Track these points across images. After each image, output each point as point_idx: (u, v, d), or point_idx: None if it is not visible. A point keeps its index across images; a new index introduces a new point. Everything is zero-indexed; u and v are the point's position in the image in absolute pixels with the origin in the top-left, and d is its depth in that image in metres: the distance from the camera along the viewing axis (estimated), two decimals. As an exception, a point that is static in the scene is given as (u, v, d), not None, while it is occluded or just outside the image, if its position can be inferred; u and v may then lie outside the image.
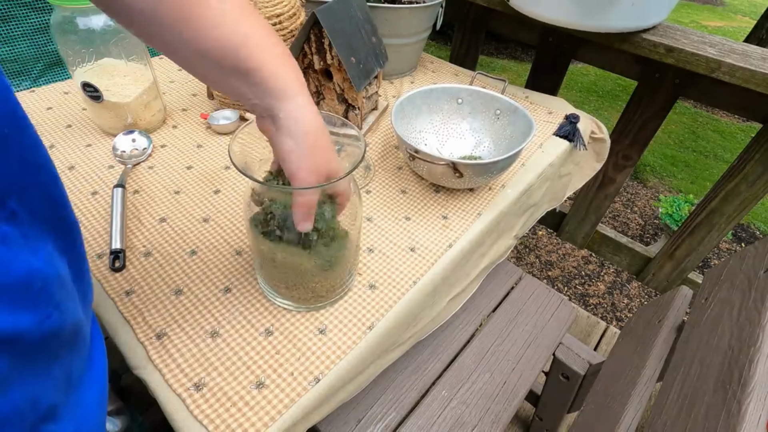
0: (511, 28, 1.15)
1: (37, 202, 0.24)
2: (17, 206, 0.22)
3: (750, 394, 0.36)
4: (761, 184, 0.93)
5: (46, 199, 0.24)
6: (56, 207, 0.26)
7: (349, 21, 0.70)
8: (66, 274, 0.27)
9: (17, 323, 0.21)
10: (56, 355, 0.25)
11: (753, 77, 0.81)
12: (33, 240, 0.23)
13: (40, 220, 0.24)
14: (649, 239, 1.98)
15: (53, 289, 0.24)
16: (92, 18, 0.63)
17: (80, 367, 0.30)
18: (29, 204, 0.23)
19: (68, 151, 0.71)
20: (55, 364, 0.25)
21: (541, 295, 0.91)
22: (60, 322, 0.24)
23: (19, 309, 0.21)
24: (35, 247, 0.23)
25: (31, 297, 0.22)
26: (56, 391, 0.26)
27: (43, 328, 0.23)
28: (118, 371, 0.90)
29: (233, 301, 0.52)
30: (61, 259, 0.27)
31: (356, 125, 0.79)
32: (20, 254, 0.21)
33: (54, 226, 0.25)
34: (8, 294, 0.20)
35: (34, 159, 0.23)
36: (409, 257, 0.59)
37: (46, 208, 0.25)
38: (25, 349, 0.21)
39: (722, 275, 0.54)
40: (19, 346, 0.21)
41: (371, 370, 0.54)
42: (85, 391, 0.30)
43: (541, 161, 0.76)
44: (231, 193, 0.66)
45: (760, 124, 0.90)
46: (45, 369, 0.24)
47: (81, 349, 0.29)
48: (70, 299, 0.26)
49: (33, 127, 0.23)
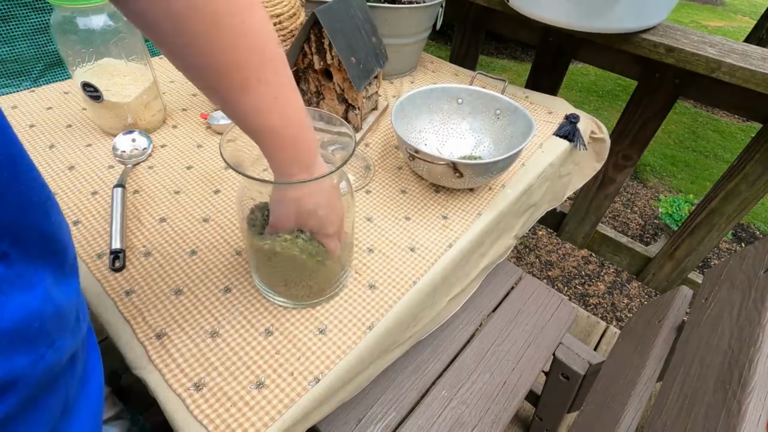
0: (511, 28, 1.15)
1: (32, 240, 0.23)
2: (9, 248, 0.21)
3: (750, 394, 0.36)
4: (761, 184, 0.93)
5: (41, 236, 0.24)
6: (52, 241, 0.25)
7: (349, 21, 0.70)
8: (63, 303, 0.26)
9: (13, 367, 0.20)
10: (51, 388, 0.25)
11: (753, 77, 0.81)
12: (28, 278, 0.22)
13: (35, 256, 0.23)
14: (649, 239, 1.98)
15: (50, 327, 0.23)
16: (92, 18, 0.63)
17: (74, 387, 0.29)
18: (23, 244, 0.22)
19: (68, 151, 0.71)
20: (50, 396, 0.24)
21: (541, 295, 0.91)
22: (55, 358, 0.24)
23: (15, 353, 0.20)
24: (31, 285, 0.22)
25: (29, 338, 0.21)
26: (51, 419, 0.25)
27: (39, 368, 0.22)
28: (118, 371, 0.90)
29: (233, 301, 0.52)
30: (59, 288, 0.26)
31: (356, 125, 0.79)
32: (15, 296, 0.21)
33: (50, 258, 0.25)
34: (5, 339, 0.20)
35: (30, 200, 0.22)
36: (409, 257, 0.59)
37: (42, 245, 0.24)
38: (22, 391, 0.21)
39: (722, 275, 0.54)
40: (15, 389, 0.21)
41: (371, 370, 0.54)
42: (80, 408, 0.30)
43: (541, 161, 0.76)
44: (231, 193, 0.66)
45: (760, 124, 0.90)
46: (42, 405, 0.24)
47: (75, 371, 0.29)
48: (66, 330, 0.26)
49: (33, 166, 0.23)
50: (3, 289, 0.20)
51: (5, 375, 0.20)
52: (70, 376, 0.27)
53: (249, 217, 0.45)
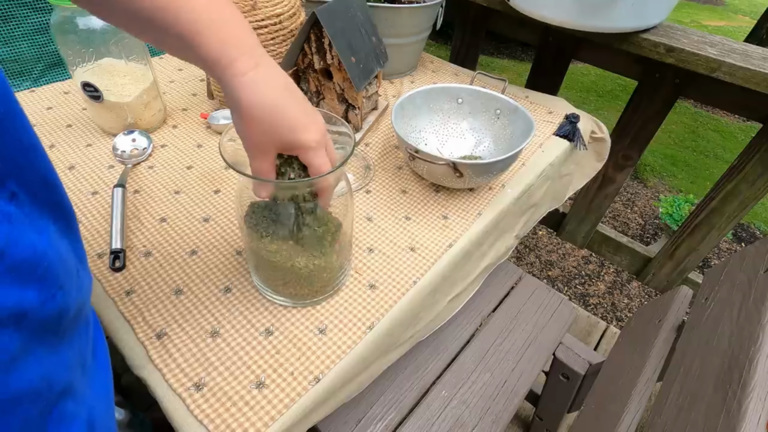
0: (511, 28, 1.15)
1: (35, 184, 0.24)
2: (17, 187, 0.22)
3: (750, 394, 0.36)
4: (761, 184, 0.93)
5: (42, 181, 0.24)
6: (53, 190, 0.26)
7: (349, 21, 0.70)
8: (68, 257, 0.27)
9: (24, 300, 0.21)
10: (63, 335, 0.25)
11: (753, 77, 0.81)
12: (36, 221, 0.23)
13: (40, 202, 0.24)
14: (649, 239, 1.98)
15: (58, 271, 0.24)
16: (92, 18, 0.63)
17: (87, 352, 0.30)
18: (28, 185, 0.23)
19: (68, 151, 0.71)
20: (62, 344, 0.25)
21: (541, 295, 0.91)
22: (64, 303, 0.24)
23: (26, 287, 0.21)
24: (39, 228, 0.23)
25: (37, 276, 0.22)
26: (68, 371, 0.26)
27: (49, 307, 0.23)
28: (118, 371, 0.90)
29: (233, 301, 0.52)
30: (62, 242, 0.27)
31: (356, 125, 0.79)
32: (26, 234, 0.22)
33: (52, 209, 0.26)
34: (16, 272, 0.20)
35: (28, 141, 0.23)
36: (410, 257, 0.59)
37: (44, 191, 0.25)
38: (33, 327, 0.22)
39: (722, 275, 0.54)
40: (27, 323, 0.21)
41: (371, 370, 0.54)
42: (94, 375, 0.31)
43: (542, 161, 0.76)
44: (231, 193, 0.66)
45: (760, 124, 0.90)
46: (54, 348, 0.24)
47: (86, 334, 0.30)
48: (72, 282, 0.26)
49: (23, 110, 0.23)
50: (16, 225, 0.21)
51: (16, 305, 0.21)
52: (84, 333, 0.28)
53: (248, 217, 0.45)
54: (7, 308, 0.20)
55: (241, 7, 0.69)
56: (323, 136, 0.38)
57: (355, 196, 0.67)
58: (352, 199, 0.49)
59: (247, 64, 0.34)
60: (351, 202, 0.49)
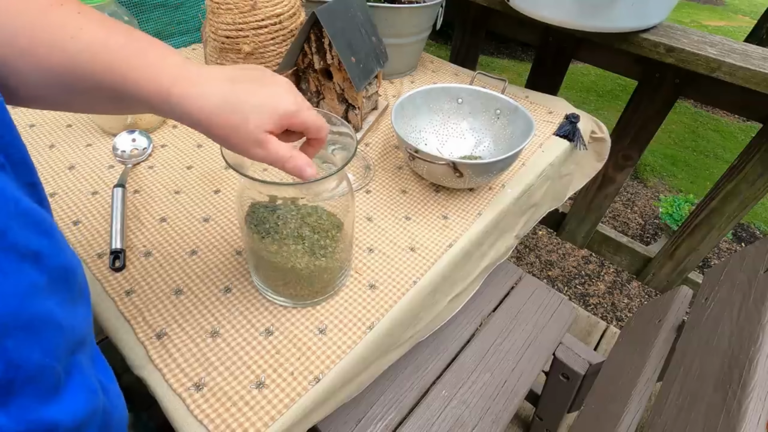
0: (511, 28, 1.15)
1: (17, 162, 0.24)
2: (5, 159, 0.22)
3: (750, 394, 0.36)
4: (761, 184, 0.93)
5: (22, 160, 0.25)
6: (30, 171, 0.26)
7: (349, 21, 0.70)
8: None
9: (39, 245, 0.22)
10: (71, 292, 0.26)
11: (753, 77, 0.81)
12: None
13: (20, 181, 0.24)
14: (649, 239, 1.98)
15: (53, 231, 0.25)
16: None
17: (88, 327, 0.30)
18: (12, 161, 0.23)
19: (68, 151, 0.71)
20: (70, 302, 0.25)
21: (541, 295, 0.91)
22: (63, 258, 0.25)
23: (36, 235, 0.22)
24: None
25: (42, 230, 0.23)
26: (84, 325, 0.27)
27: (54, 258, 0.23)
28: (118, 371, 0.90)
29: (233, 301, 0.52)
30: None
31: (356, 125, 0.79)
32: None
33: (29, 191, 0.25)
34: (23, 218, 0.21)
35: (9, 118, 0.23)
36: (410, 257, 0.59)
37: (23, 170, 0.25)
38: (48, 270, 0.22)
39: (722, 275, 0.54)
40: (42, 264, 0.22)
41: (372, 370, 0.54)
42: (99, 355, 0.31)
43: (542, 161, 0.76)
44: (231, 193, 0.66)
45: (760, 124, 0.90)
46: (67, 299, 0.25)
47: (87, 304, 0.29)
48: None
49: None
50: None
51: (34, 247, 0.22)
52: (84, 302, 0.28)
53: (249, 217, 0.45)
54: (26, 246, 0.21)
55: (241, 7, 0.69)
56: (296, 95, 0.35)
57: (355, 196, 0.67)
58: (353, 199, 0.49)
59: (182, 84, 0.32)
60: (352, 202, 0.49)
